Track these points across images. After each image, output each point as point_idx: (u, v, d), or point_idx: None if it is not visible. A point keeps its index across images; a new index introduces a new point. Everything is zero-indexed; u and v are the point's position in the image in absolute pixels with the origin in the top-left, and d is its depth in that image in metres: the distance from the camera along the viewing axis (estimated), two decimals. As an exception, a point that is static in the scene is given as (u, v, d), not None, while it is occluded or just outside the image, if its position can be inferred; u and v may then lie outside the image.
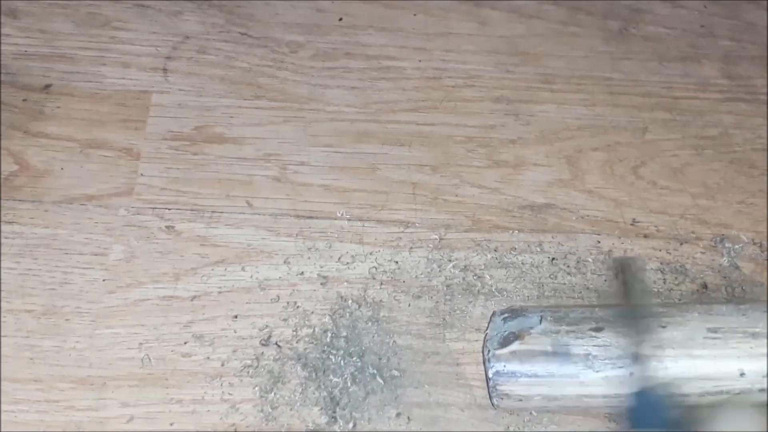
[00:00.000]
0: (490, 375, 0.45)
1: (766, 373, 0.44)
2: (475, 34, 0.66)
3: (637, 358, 0.44)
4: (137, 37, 0.64)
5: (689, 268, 0.55)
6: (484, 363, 0.46)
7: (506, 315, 0.47)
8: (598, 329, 0.45)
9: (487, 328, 0.47)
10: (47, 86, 0.61)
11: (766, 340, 0.44)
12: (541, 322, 0.46)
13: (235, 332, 0.51)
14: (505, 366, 0.45)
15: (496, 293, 0.53)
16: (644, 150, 0.61)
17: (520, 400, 0.45)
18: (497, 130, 0.61)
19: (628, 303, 0.47)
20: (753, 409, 0.44)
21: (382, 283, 0.54)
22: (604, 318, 0.46)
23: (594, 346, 0.44)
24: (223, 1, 0.66)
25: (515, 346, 0.45)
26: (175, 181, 0.57)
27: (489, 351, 0.46)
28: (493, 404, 0.47)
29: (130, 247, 0.54)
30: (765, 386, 0.44)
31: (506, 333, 0.46)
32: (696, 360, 0.44)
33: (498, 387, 0.45)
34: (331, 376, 0.50)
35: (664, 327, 0.45)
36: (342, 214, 0.56)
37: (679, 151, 0.61)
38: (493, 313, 0.48)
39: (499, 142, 0.60)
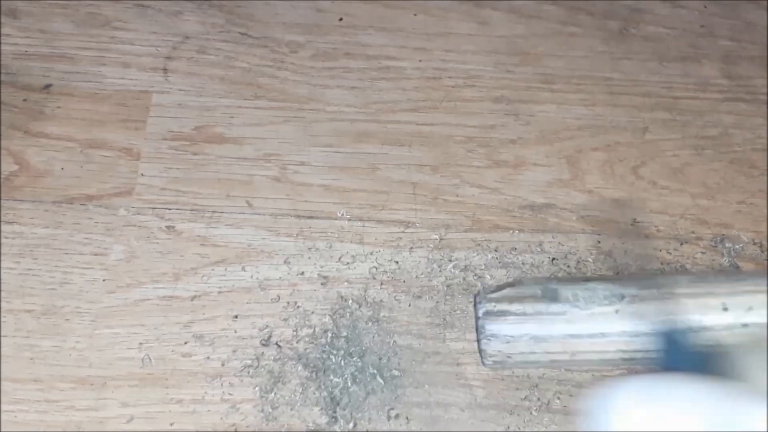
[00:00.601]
0: (480, 314, 0.47)
1: (749, 306, 0.45)
2: (475, 34, 0.66)
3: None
4: (137, 37, 0.64)
5: (689, 269, 0.55)
6: (474, 307, 0.49)
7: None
8: (586, 281, 0.48)
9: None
10: (47, 86, 0.61)
11: (748, 281, 0.46)
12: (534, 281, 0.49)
13: (236, 332, 0.51)
14: (495, 306, 0.47)
15: (497, 293, 0.53)
16: (644, 150, 0.61)
17: (508, 342, 0.46)
18: (497, 130, 0.61)
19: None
20: None
21: (382, 283, 0.54)
22: (593, 278, 0.49)
23: (582, 289, 0.47)
24: (223, 1, 0.66)
25: (506, 291, 0.47)
26: (175, 181, 0.57)
27: (481, 294, 0.48)
28: (480, 350, 0.48)
29: (130, 247, 0.54)
30: (749, 321, 0.45)
31: (500, 284, 0.49)
32: (679, 297, 0.46)
33: (486, 326, 0.47)
34: (331, 376, 0.50)
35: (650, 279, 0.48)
36: (342, 214, 0.56)
37: (679, 151, 0.61)
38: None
39: (499, 142, 0.60)
